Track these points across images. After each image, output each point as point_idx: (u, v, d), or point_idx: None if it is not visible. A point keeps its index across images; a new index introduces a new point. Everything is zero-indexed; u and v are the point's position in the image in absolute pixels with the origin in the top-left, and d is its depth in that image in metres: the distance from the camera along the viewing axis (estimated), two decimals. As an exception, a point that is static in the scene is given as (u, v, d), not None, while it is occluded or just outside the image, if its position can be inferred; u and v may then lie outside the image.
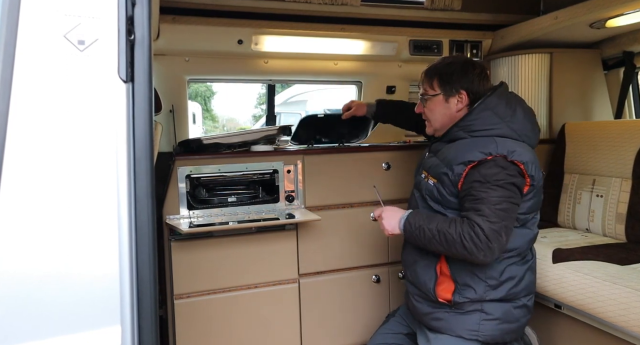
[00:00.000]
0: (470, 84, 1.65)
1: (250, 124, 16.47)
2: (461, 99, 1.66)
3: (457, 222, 1.50)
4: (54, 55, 0.81)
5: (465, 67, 1.66)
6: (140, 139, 0.88)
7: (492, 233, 1.45)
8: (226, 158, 2.15)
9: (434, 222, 1.54)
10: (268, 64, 2.59)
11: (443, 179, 1.60)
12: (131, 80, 0.87)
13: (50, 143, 0.82)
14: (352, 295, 2.36)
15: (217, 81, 3.04)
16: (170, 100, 2.43)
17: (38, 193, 0.81)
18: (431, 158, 1.72)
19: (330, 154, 2.32)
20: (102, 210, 0.85)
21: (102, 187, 0.85)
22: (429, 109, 1.73)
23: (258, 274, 2.17)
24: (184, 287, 2.06)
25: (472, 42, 2.83)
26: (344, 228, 2.32)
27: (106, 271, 0.85)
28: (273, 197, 2.24)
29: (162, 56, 2.36)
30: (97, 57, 0.84)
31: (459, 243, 1.47)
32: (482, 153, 1.52)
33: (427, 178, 1.68)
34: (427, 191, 1.66)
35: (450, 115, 1.69)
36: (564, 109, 2.82)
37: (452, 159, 1.58)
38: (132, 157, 0.87)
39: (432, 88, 1.71)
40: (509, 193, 1.50)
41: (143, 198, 0.89)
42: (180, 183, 2.07)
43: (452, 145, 1.64)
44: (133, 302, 0.86)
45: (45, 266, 0.81)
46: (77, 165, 0.83)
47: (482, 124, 1.59)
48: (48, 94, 0.81)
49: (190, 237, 2.04)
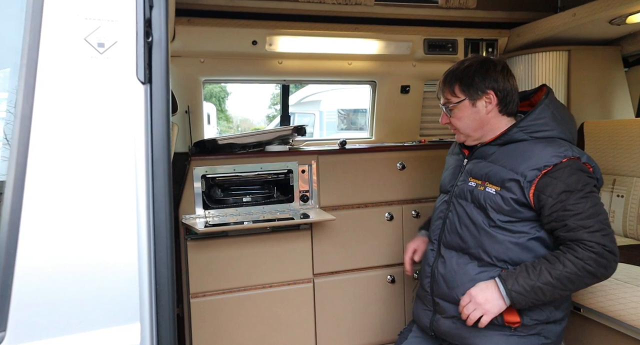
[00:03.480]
0: (495, 83, 1.54)
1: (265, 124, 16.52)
2: (489, 99, 1.55)
3: (566, 255, 1.36)
4: (75, 57, 0.82)
5: (486, 66, 1.56)
6: (158, 139, 0.89)
7: (612, 244, 1.35)
8: (241, 158, 2.16)
9: (542, 273, 1.36)
10: (282, 65, 2.60)
11: (510, 186, 1.44)
12: (149, 81, 0.88)
13: (71, 143, 0.83)
14: (367, 296, 2.34)
15: (231, 82, 3.04)
16: (186, 101, 2.45)
17: (59, 193, 0.82)
18: (480, 163, 1.57)
19: (345, 154, 2.31)
20: (121, 210, 0.86)
21: (121, 188, 0.86)
22: (457, 118, 1.60)
23: (273, 273, 2.17)
24: (199, 286, 2.07)
25: (487, 41, 2.79)
26: (358, 228, 2.31)
27: (125, 270, 0.86)
28: (287, 197, 2.24)
29: (177, 57, 2.38)
30: (116, 59, 0.85)
31: (587, 275, 1.34)
32: (557, 156, 1.41)
33: (482, 186, 1.52)
34: (490, 201, 1.48)
35: (481, 119, 1.57)
36: (582, 108, 2.76)
37: (521, 163, 1.44)
38: (150, 158, 0.88)
39: (454, 95, 1.58)
40: (597, 199, 1.41)
41: (161, 198, 0.90)
42: (196, 183, 2.08)
43: (512, 148, 1.51)
44: (152, 300, 0.87)
45: (66, 265, 0.82)
46: (97, 166, 0.84)
47: (545, 125, 1.50)
48: (70, 95, 0.83)
49: (206, 236, 2.06)
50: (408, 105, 2.89)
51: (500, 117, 1.58)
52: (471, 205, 1.55)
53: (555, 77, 2.72)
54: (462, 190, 1.59)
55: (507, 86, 1.56)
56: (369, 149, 2.41)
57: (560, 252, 1.39)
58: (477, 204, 1.53)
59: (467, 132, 1.61)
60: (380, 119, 2.89)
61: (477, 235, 1.52)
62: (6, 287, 0.78)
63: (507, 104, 1.57)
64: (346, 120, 8.90)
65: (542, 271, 1.37)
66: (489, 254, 1.50)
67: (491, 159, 1.55)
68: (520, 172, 1.44)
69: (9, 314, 0.78)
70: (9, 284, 0.78)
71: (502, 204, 1.47)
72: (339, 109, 8.68)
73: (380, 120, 2.90)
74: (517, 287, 1.38)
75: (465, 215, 1.56)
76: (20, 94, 0.79)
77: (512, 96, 1.57)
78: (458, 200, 1.61)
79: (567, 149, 1.43)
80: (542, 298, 1.39)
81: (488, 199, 1.50)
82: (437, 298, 1.62)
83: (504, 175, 1.47)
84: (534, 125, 1.51)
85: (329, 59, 2.67)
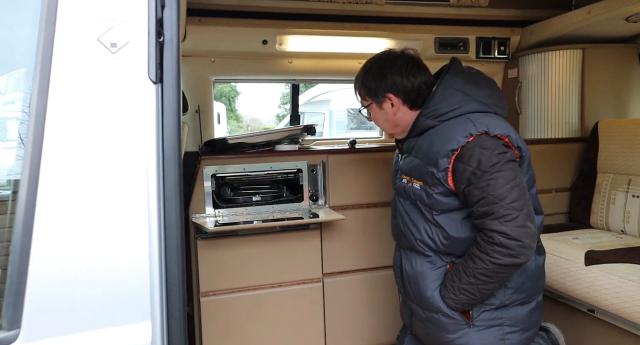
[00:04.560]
0: (393, 84, 1.50)
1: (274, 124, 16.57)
2: (392, 101, 1.53)
3: (474, 251, 1.34)
4: (88, 57, 0.83)
5: (382, 69, 1.53)
6: (169, 139, 0.89)
7: (518, 231, 1.28)
8: (251, 157, 2.16)
9: (461, 274, 1.37)
10: (292, 64, 2.60)
11: (429, 179, 1.41)
12: (160, 81, 0.88)
13: (84, 143, 0.84)
14: (377, 296, 2.33)
15: (242, 81, 3.05)
16: (196, 101, 2.46)
17: (72, 192, 0.83)
18: (407, 158, 1.56)
19: (354, 154, 2.30)
20: (132, 210, 0.86)
21: (132, 187, 0.86)
22: (373, 118, 1.63)
23: (282, 272, 2.17)
24: (209, 285, 2.08)
25: (499, 39, 2.75)
26: (368, 227, 2.30)
27: (137, 269, 0.86)
28: (297, 197, 2.24)
29: (188, 57, 2.39)
30: (128, 59, 0.85)
31: (498, 266, 1.30)
32: (462, 136, 1.35)
33: (410, 182, 1.50)
34: (418, 197, 1.46)
35: (391, 119, 1.56)
36: (597, 107, 2.72)
37: (433, 153, 1.40)
38: (161, 157, 0.89)
39: (363, 99, 1.61)
40: (512, 173, 1.32)
41: (172, 197, 0.90)
42: (206, 182, 2.09)
43: (425, 137, 1.48)
44: (162, 299, 0.88)
45: (78, 264, 0.83)
46: (109, 165, 0.85)
47: (449, 105, 1.43)
48: (83, 95, 0.83)
49: (216, 235, 2.07)
50: (418, 104, 2.87)
51: (413, 113, 1.53)
52: (407, 202, 1.53)
53: (569, 76, 2.68)
54: (401, 188, 1.56)
55: (408, 84, 1.50)
56: (378, 148, 2.40)
57: (471, 248, 1.37)
58: (412, 201, 1.51)
59: (387, 130, 1.63)
60: (390, 118, 2.88)
61: (417, 232, 1.50)
62: (20, 286, 0.79)
63: (414, 100, 1.52)
64: (356, 119, 8.89)
65: (460, 272, 1.38)
66: (431, 248, 1.48)
67: (414, 152, 1.52)
68: (433, 162, 1.40)
69: (23, 311, 0.79)
70: (23, 282, 0.79)
71: (427, 198, 1.43)
72: (349, 108, 8.66)
73: (390, 119, 2.88)
74: (445, 291, 1.42)
75: (405, 213, 1.55)
76: (34, 94, 0.80)
77: (418, 90, 1.51)
78: (398, 198, 1.60)
79: (471, 127, 1.36)
80: (473, 297, 1.37)
81: (416, 195, 1.47)
82: (407, 299, 1.62)
83: (422, 169, 1.45)
84: (438, 109, 1.45)
85: (339, 58, 2.66)
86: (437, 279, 1.47)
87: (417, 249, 1.51)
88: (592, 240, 2.17)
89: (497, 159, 1.33)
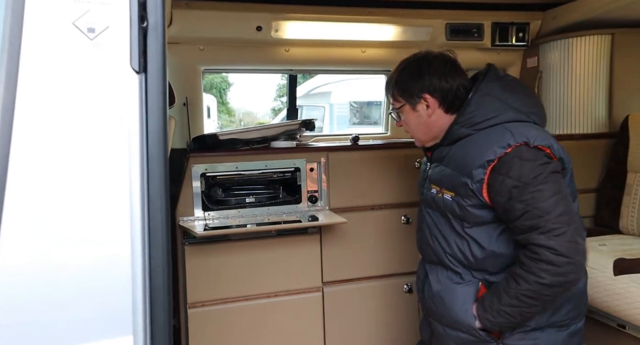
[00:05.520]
0: (430, 85, 1.55)
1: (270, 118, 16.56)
2: (428, 103, 1.57)
3: (517, 270, 1.34)
4: (62, 44, 0.82)
5: (419, 68, 1.58)
6: (154, 134, 0.89)
7: (568, 247, 1.28)
8: (244, 155, 2.16)
9: (501, 295, 1.37)
10: (289, 53, 2.59)
11: (462, 191, 1.45)
12: (144, 70, 0.87)
13: (58, 138, 0.83)
14: (382, 306, 2.34)
15: (233, 71, 3.05)
16: (184, 93, 2.46)
17: (44, 193, 0.82)
18: (437, 167, 1.60)
19: (357, 151, 2.30)
20: (113, 212, 0.86)
21: (113, 187, 0.86)
22: (404, 122, 1.67)
23: (278, 281, 2.17)
24: (198, 295, 2.08)
25: (518, 25, 2.74)
26: (372, 232, 2.30)
27: (117, 277, 0.86)
28: (295, 198, 2.24)
29: (175, 45, 2.39)
30: (108, 45, 0.85)
31: (545, 287, 1.30)
32: (500, 147, 1.39)
33: (440, 193, 1.54)
34: (448, 208, 1.51)
35: (425, 123, 1.60)
36: (627, 99, 2.71)
37: (467, 163, 1.45)
38: (145, 155, 0.88)
39: (396, 100, 1.65)
40: (556, 186, 1.35)
41: (157, 198, 0.90)
42: (195, 182, 2.09)
43: (458, 146, 1.53)
44: (146, 311, 0.87)
45: (52, 271, 0.83)
46: (87, 163, 0.85)
47: (485, 113, 1.48)
48: (56, 85, 0.83)
49: (205, 240, 2.07)
50: (428, 96, 2.87)
51: (448, 117, 1.58)
52: (437, 213, 1.57)
53: (596, 64, 2.67)
54: (430, 198, 1.61)
55: (446, 85, 1.55)
56: (384, 145, 2.40)
57: (513, 267, 1.38)
58: (441, 212, 1.55)
59: (418, 136, 1.67)
60: (397, 112, 2.87)
61: (447, 245, 1.54)
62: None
63: (451, 103, 1.56)
64: (359, 113, 8.89)
65: (500, 293, 1.39)
66: (462, 263, 1.51)
67: (445, 162, 1.56)
68: (467, 173, 1.44)
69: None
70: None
71: (459, 210, 1.47)
72: (351, 102, 8.66)
73: (397, 113, 2.88)
74: (482, 311, 1.42)
75: (434, 225, 1.59)
76: (0, 84, 0.79)
77: (456, 93, 1.55)
78: (426, 209, 1.65)
79: (509, 137, 1.39)
80: (512, 320, 1.39)
81: (447, 206, 1.51)
82: (429, 316, 1.66)
83: (454, 179, 1.49)
84: (474, 117, 1.49)
85: (341, 47, 2.65)
86: (466, 295, 1.50)
87: (446, 263, 1.54)
88: (622, 247, 2.17)
89: (540, 170, 1.36)
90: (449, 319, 1.53)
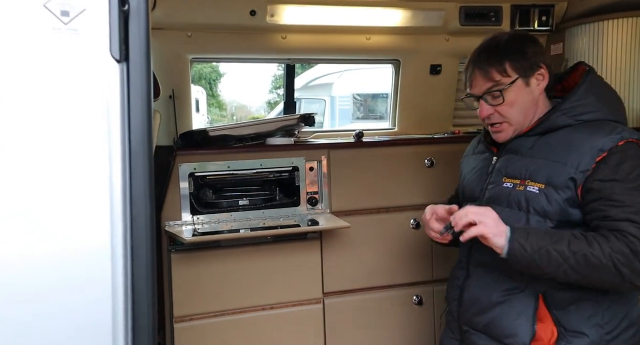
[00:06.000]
0: (544, 56, 1.55)
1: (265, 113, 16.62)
2: (542, 75, 1.53)
3: (601, 238, 1.35)
4: (32, 28, 0.82)
5: (530, 36, 1.58)
6: (137, 130, 0.89)
7: None
8: (237, 153, 2.16)
9: (562, 241, 1.36)
10: (286, 40, 2.59)
11: (558, 182, 1.43)
12: (125, 59, 0.87)
13: (29, 135, 0.82)
14: (388, 320, 2.33)
15: (225, 61, 3.07)
16: (170, 84, 2.46)
17: (13, 195, 0.81)
18: (514, 159, 1.56)
19: (362, 149, 2.31)
20: (91, 216, 0.85)
21: (92, 189, 0.85)
22: (508, 104, 1.52)
23: (274, 292, 2.17)
24: (185, 308, 2.08)
25: (541, 7, 2.72)
26: (378, 237, 2.30)
27: (96, 288, 0.85)
28: (292, 200, 2.24)
29: (159, 30, 2.38)
30: (85, 31, 0.84)
31: (610, 267, 1.31)
32: (611, 139, 1.40)
33: (521, 186, 1.49)
34: (532, 202, 1.46)
35: (534, 100, 1.54)
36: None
37: (572, 151, 1.43)
38: (127, 152, 0.88)
39: (505, 74, 1.51)
40: None
41: (140, 200, 0.90)
42: (182, 183, 2.09)
43: (554, 136, 1.50)
44: (127, 326, 0.87)
45: (21, 282, 0.82)
46: (63, 162, 0.84)
47: (591, 106, 1.50)
48: (26, 76, 0.82)
49: (194, 247, 2.06)
50: (439, 88, 2.86)
51: (545, 99, 1.59)
52: (507, 210, 1.53)
53: (629, 50, 2.63)
54: (496, 194, 1.56)
55: (548, 60, 1.56)
56: (390, 142, 2.40)
57: (591, 234, 1.39)
58: (518, 208, 1.51)
59: (519, 121, 1.55)
60: (405, 105, 2.87)
61: None
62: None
63: (551, 81, 1.57)
64: (363, 107, 8.91)
65: (561, 239, 1.37)
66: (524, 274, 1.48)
67: (529, 153, 1.54)
68: (571, 163, 1.43)
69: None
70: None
71: (546, 205, 1.45)
72: (355, 94, 8.69)
73: (405, 107, 2.88)
74: (522, 240, 1.38)
75: None
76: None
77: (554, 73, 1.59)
78: (492, 205, 1.56)
79: (622, 130, 1.43)
80: (544, 265, 1.37)
81: (531, 200, 1.48)
82: (465, 325, 1.64)
83: (551, 170, 1.46)
84: (579, 107, 1.50)
85: (343, 33, 2.65)
86: (523, 307, 1.48)
87: (506, 269, 1.50)
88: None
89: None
90: (497, 330, 1.51)
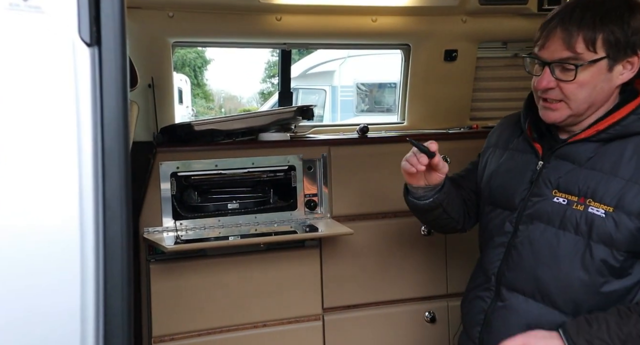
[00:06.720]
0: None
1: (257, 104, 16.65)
2: (631, 64, 1.41)
3: None
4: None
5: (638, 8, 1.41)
6: (111, 123, 0.89)
7: None
8: (225, 150, 2.17)
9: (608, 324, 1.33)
10: (281, 22, 2.58)
11: (634, 207, 1.34)
12: (97, 42, 0.87)
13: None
14: (397, 339, 2.35)
15: (211, 45, 3.07)
16: (149, 72, 2.45)
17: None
18: (569, 167, 1.47)
19: (366, 145, 2.33)
20: (59, 222, 0.85)
21: (58, 190, 0.85)
22: (579, 83, 1.41)
23: (267, 308, 2.18)
24: (166, 326, 2.08)
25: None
26: (384, 245, 2.31)
27: (64, 303, 0.85)
28: (288, 203, 2.25)
29: (137, 10, 2.37)
30: (48, 9, 0.84)
31: None
32: None
33: (580, 204, 1.42)
34: (596, 228, 1.38)
35: (609, 90, 1.44)
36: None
37: None
38: (100, 149, 0.88)
39: (592, 49, 1.39)
40: None
41: (115, 204, 0.89)
42: (164, 184, 2.10)
43: (627, 145, 1.41)
44: (100, 347, 0.87)
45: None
46: (24, 160, 0.83)
47: None
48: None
49: (176, 257, 2.07)
50: (454, 77, 2.86)
51: (618, 94, 1.49)
52: (561, 233, 1.45)
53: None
54: (543, 209, 1.48)
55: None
56: (399, 137, 2.41)
57: None
58: (574, 232, 1.43)
59: (581, 108, 1.45)
60: (416, 96, 2.87)
61: (567, 281, 1.44)
62: None
63: None
64: (368, 98, 8.92)
65: (610, 325, 1.34)
66: (578, 304, 1.43)
67: (590, 163, 1.44)
68: None
69: None
70: None
71: (615, 232, 1.37)
72: (359, 84, 8.70)
73: (416, 98, 2.88)
74: (574, 333, 1.35)
75: (548, 247, 1.47)
76: None
77: None
78: (535, 222, 1.49)
79: None
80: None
81: (595, 224, 1.39)
82: None
83: (623, 190, 1.37)
84: None
85: (346, 14, 2.65)
86: None
87: (554, 301, 1.46)
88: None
89: None
90: None
